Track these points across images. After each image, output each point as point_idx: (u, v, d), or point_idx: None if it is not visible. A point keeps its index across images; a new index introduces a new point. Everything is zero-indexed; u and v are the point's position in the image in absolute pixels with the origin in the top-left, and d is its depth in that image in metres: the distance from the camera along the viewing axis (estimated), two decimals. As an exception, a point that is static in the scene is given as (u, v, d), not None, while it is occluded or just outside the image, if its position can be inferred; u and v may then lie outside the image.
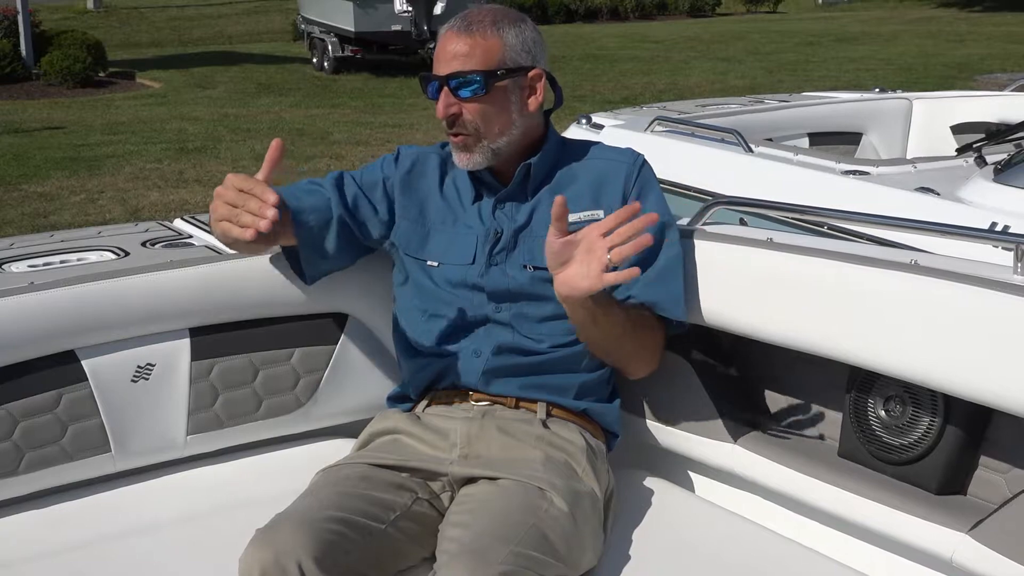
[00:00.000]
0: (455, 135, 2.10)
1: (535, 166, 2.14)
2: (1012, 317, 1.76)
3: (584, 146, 2.25)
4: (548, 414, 2.08)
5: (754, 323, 2.15)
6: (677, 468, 2.36)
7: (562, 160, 2.19)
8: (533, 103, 2.13)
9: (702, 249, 2.20)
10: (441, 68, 2.07)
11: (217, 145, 10.67)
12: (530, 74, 2.11)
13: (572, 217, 2.09)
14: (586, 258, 1.89)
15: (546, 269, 2.04)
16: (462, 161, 2.12)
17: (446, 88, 2.06)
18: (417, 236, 2.19)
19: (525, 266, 2.10)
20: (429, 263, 2.15)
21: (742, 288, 2.15)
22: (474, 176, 2.18)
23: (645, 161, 2.20)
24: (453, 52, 2.06)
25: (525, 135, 2.14)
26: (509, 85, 2.09)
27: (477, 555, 1.71)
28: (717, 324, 2.20)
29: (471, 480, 1.97)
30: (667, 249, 2.12)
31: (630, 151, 2.23)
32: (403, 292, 2.24)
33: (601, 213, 2.11)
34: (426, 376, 2.14)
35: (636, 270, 1.89)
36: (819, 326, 2.03)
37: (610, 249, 1.86)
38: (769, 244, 2.14)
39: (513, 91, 2.09)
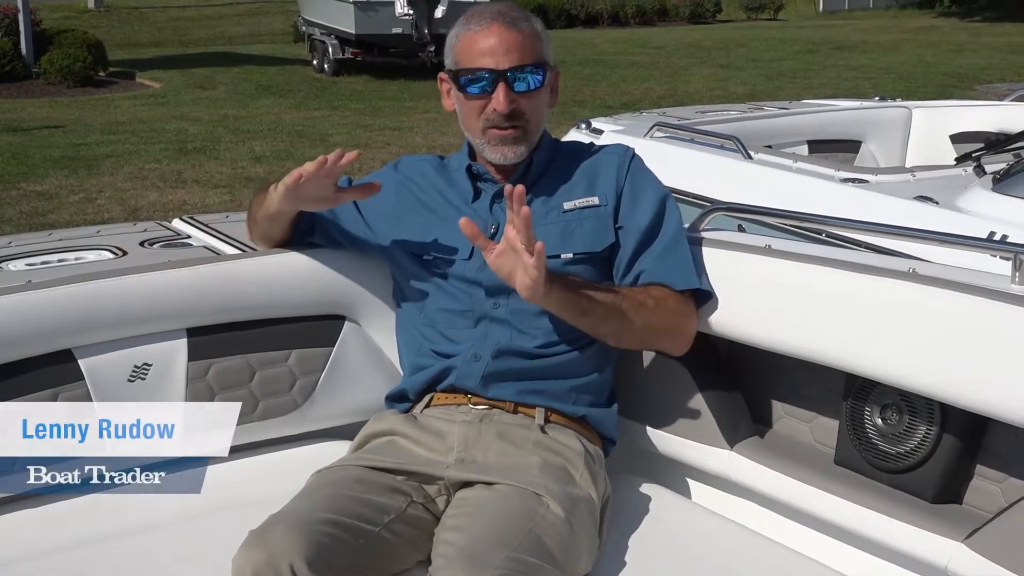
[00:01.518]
0: (507, 129, 2.10)
1: (536, 159, 2.18)
2: (1009, 326, 1.76)
3: (576, 145, 2.32)
4: (546, 419, 2.08)
5: (751, 330, 2.15)
6: (674, 474, 2.36)
7: (556, 157, 2.23)
8: (554, 100, 2.20)
9: (700, 255, 2.20)
10: (493, 62, 2.07)
11: (216, 146, 10.68)
12: (556, 72, 2.18)
13: (567, 205, 2.16)
14: (515, 259, 1.91)
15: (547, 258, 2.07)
16: (508, 155, 2.13)
17: (503, 82, 2.07)
18: (416, 234, 2.20)
19: None
20: (425, 257, 2.16)
21: (740, 295, 2.16)
22: (472, 174, 2.20)
23: (635, 153, 2.25)
24: (507, 46, 2.07)
25: None
26: (549, 79, 2.15)
27: (473, 559, 1.71)
28: (715, 330, 2.20)
29: (467, 484, 1.97)
30: (667, 223, 2.16)
31: (620, 144, 2.29)
32: (403, 292, 2.25)
33: (596, 199, 2.16)
34: (425, 377, 2.14)
35: (539, 244, 1.87)
36: (816, 333, 2.03)
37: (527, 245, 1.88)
38: (767, 251, 2.14)
39: (547, 87, 2.15)
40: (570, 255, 2.12)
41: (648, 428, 2.35)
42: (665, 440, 2.32)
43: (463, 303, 2.12)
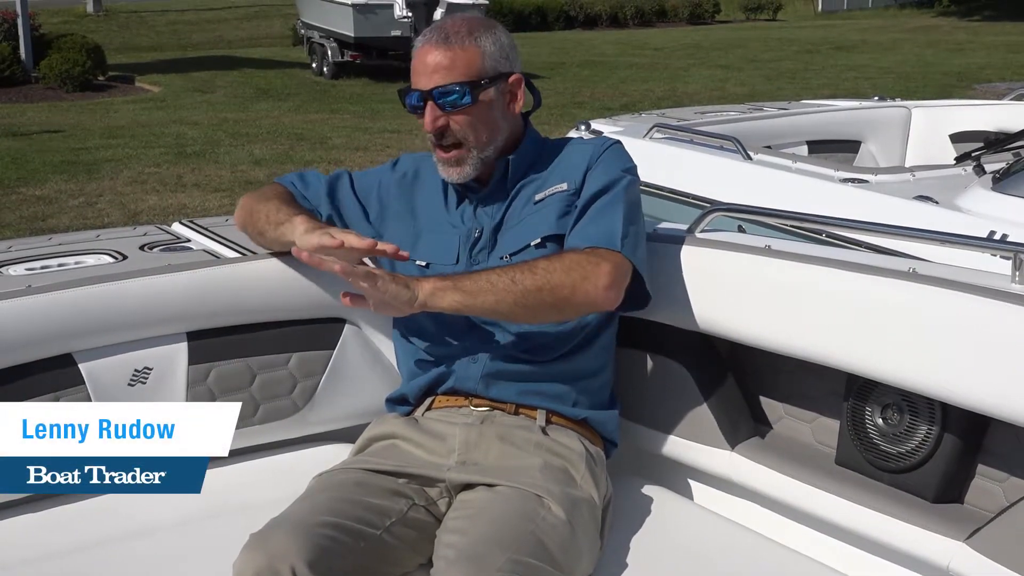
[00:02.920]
0: (445, 150, 2.12)
1: (513, 162, 2.17)
2: (1010, 325, 1.76)
3: (563, 143, 2.29)
4: (547, 421, 2.08)
5: (752, 331, 2.15)
6: (675, 475, 2.36)
7: (540, 157, 2.22)
8: (516, 107, 2.17)
9: (700, 256, 2.20)
10: (423, 82, 2.08)
11: (216, 149, 10.68)
12: (511, 79, 2.14)
13: (538, 196, 2.15)
14: (373, 294, 1.93)
15: (520, 252, 2.09)
16: (453, 175, 2.14)
17: (431, 101, 2.07)
18: (409, 238, 2.20)
19: (503, 258, 2.11)
20: (419, 263, 2.16)
21: (740, 295, 2.16)
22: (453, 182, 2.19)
23: (617, 143, 2.22)
24: (435, 65, 2.07)
25: (507, 138, 2.17)
26: (493, 92, 2.11)
27: (475, 561, 1.71)
28: (715, 331, 2.20)
29: (468, 486, 1.97)
30: (605, 198, 2.10)
31: (604, 138, 2.27)
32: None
33: (565, 185, 2.15)
34: (425, 380, 2.15)
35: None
36: (817, 334, 2.03)
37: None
38: (767, 251, 2.14)
39: (496, 98, 2.12)
40: (538, 239, 2.11)
41: (649, 429, 2.35)
42: (666, 441, 2.32)
43: None
